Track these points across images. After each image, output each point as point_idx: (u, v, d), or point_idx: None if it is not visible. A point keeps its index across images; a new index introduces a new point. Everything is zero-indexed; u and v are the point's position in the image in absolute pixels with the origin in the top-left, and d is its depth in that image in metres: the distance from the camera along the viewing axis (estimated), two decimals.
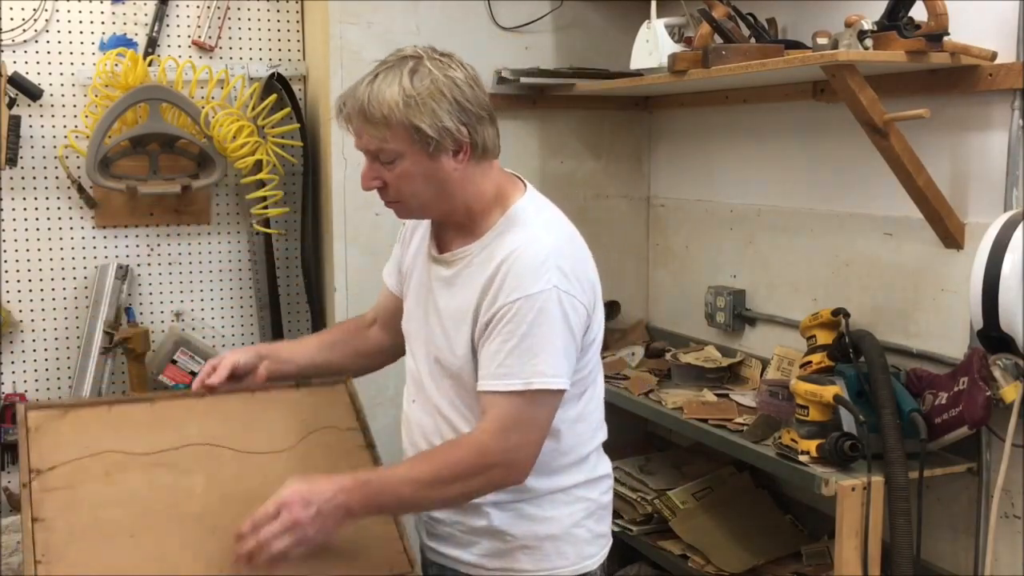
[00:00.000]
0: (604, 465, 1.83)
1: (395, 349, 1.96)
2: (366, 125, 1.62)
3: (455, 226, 1.74)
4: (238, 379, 1.87)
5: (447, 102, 1.60)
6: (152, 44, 2.94)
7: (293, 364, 1.93)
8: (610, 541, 1.86)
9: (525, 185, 1.76)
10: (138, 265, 3.02)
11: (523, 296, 1.59)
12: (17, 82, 2.79)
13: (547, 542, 1.74)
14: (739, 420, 2.48)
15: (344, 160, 2.94)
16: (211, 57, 3.04)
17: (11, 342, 2.91)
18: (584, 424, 1.76)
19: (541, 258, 1.61)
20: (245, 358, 1.87)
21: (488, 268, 1.65)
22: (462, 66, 1.66)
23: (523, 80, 2.96)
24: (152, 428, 1.77)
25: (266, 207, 3.04)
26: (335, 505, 1.54)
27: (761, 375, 2.74)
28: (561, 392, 1.63)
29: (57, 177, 2.91)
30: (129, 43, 2.93)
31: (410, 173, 1.64)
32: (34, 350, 2.94)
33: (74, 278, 2.96)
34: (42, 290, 2.93)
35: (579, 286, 1.64)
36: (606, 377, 1.97)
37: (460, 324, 1.68)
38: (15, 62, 2.83)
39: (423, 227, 1.84)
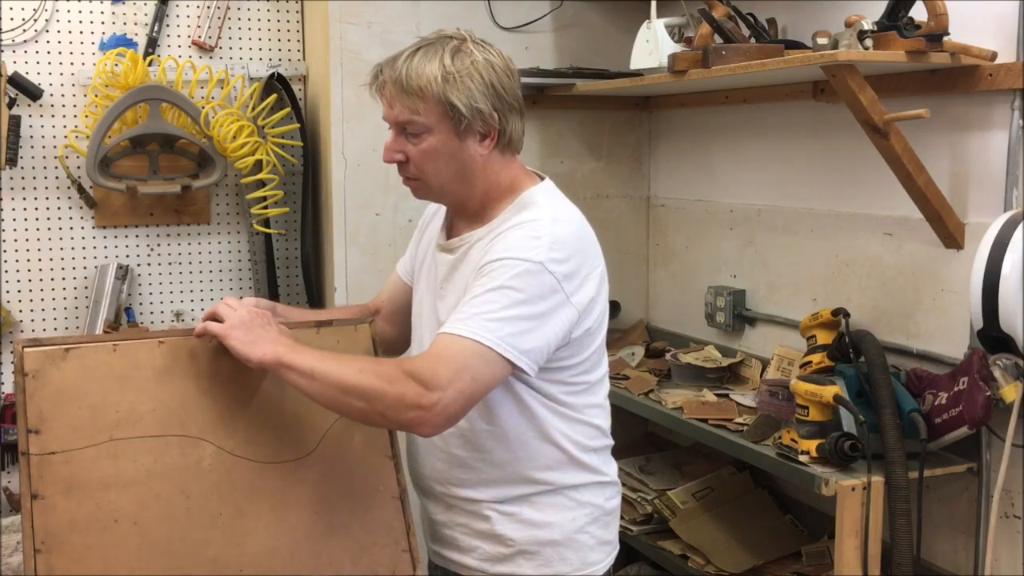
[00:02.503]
0: (610, 471, 1.81)
1: (399, 343, 1.94)
2: (401, 95, 1.62)
3: (468, 215, 1.73)
4: None
5: (484, 84, 1.62)
6: (152, 44, 2.94)
7: None
8: (617, 548, 1.84)
9: (543, 179, 1.76)
10: (138, 265, 3.02)
11: (508, 257, 1.56)
12: (17, 82, 2.79)
13: (548, 547, 1.72)
14: (739, 420, 2.48)
15: (344, 160, 2.94)
16: (211, 57, 3.04)
17: (11, 342, 2.91)
18: (582, 424, 1.74)
19: (539, 234, 1.59)
20: (262, 306, 1.77)
21: (487, 244, 1.64)
22: (501, 55, 1.68)
23: (523, 80, 2.94)
24: (161, 380, 1.60)
25: (266, 207, 3.04)
26: (272, 330, 1.61)
27: (761, 375, 2.74)
28: (509, 365, 1.54)
29: (57, 177, 2.91)
30: (129, 43, 2.93)
31: (435, 149, 1.64)
32: None
33: (74, 278, 2.96)
34: (42, 290, 2.93)
35: (571, 279, 1.60)
36: None
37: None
38: (15, 62, 2.83)
39: (439, 218, 1.84)
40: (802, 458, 2.16)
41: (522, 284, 1.55)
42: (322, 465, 1.67)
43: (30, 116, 2.86)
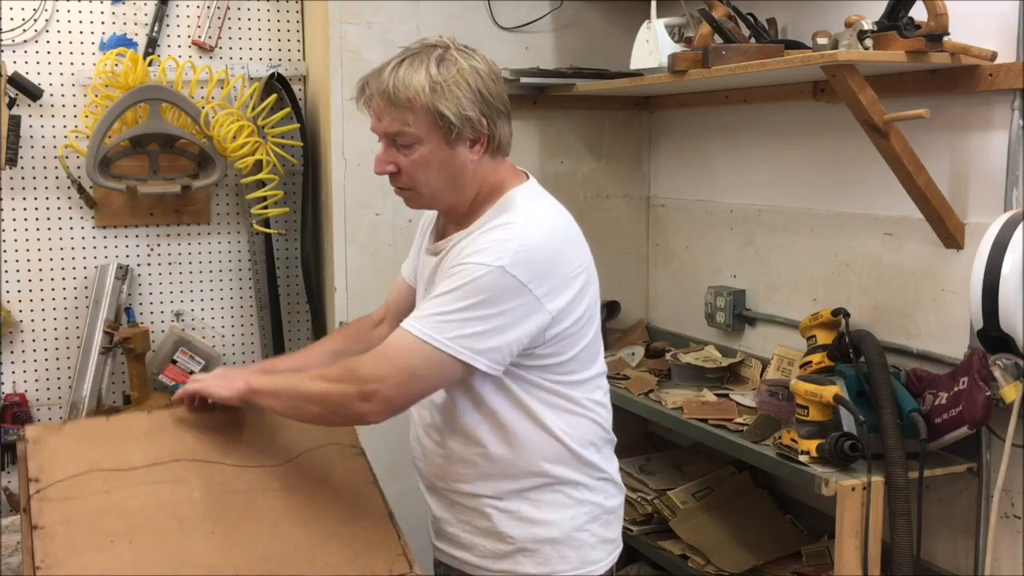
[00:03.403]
0: (611, 469, 1.82)
1: None
2: (389, 108, 1.63)
3: (457, 218, 1.75)
4: None
5: (471, 91, 1.62)
6: (152, 44, 2.94)
7: None
8: (619, 547, 1.84)
9: (527, 178, 1.77)
10: (138, 265, 3.02)
11: (472, 262, 1.59)
12: (17, 82, 2.79)
13: (547, 545, 1.73)
14: (739, 420, 2.48)
15: (344, 160, 2.94)
16: (211, 57, 3.04)
17: (11, 342, 2.91)
18: (579, 418, 1.74)
19: (507, 237, 1.60)
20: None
21: (464, 246, 1.65)
22: (485, 60, 1.68)
23: (523, 80, 2.96)
24: (150, 438, 1.76)
25: (266, 207, 3.04)
26: (243, 370, 1.80)
27: (761, 375, 2.74)
28: (460, 364, 1.58)
29: (57, 177, 2.91)
30: (129, 43, 2.93)
31: (426, 159, 1.65)
32: (34, 350, 2.94)
33: (74, 278, 2.96)
34: (42, 290, 2.93)
35: (540, 281, 1.59)
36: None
37: None
38: (15, 62, 2.83)
39: (435, 223, 1.86)
40: (802, 458, 2.16)
41: (480, 286, 1.57)
42: (308, 491, 1.75)
43: (30, 116, 2.86)
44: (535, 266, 1.60)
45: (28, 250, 2.91)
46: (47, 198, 2.92)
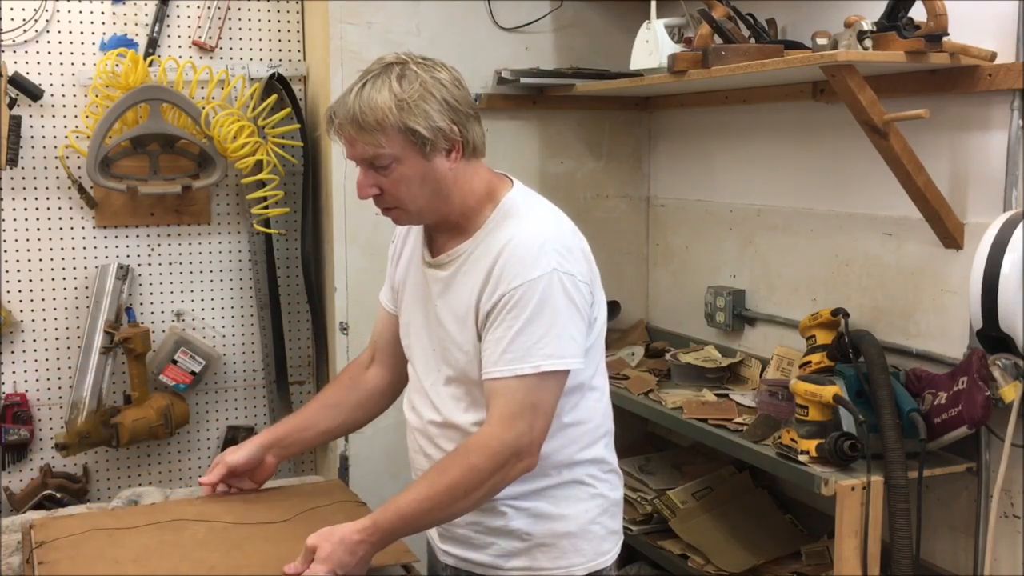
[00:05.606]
0: (614, 461, 1.84)
1: (395, 386, 1.97)
2: (360, 133, 1.62)
3: (448, 228, 1.75)
4: (240, 476, 1.93)
5: (437, 102, 1.63)
6: (152, 44, 2.95)
7: (300, 444, 1.96)
8: (621, 538, 1.86)
9: (513, 182, 1.78)
10: (138, 265, 3.02)
11: (525, 281, 1.61)
12: (18, 82, 2.79)
13: (565, 539, 1.74)
14: (739, 420, 2.48)
15: (344, 160, 2.94)
16: (211, 57, 3.04)
17: (11, 342, 2.91)
18: (595, 412, 1.76)
19: (539, 242, 1.64)
20: (247, 455, 1.91)
21: (486, 261, 1.66)
22: (444, 67, 1.68)
23: (523, 80, 2.96)
24: (153, 512, 1.87)
25: (266, 207, 3.04)
26: (362, 556, 1.59)
27: (761, 375, 2.74)
28: (566, 373, 1.64)
29: (58, 177, 2.92)
30: (129, 43, 2.93)
31: (407, 177, 1.65)
32: (34, 350, 2.94)
33: (74, 278, 2.96)
34: (42, 290, 2.93)
35: (578, 265, 1.67)
36: None
37: (464, 320, 1.69)
38: (15, 62, 2.83)
39: (412, 239, 1.85)
40: (802, 458, 2.16)
41: (550, 300, 1.61)
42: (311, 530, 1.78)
43: (31, 116, 2.86)
44: (569, 256, 1.66)
45: (28, 250, 2.91)
46: (48, 198, 2.92)
